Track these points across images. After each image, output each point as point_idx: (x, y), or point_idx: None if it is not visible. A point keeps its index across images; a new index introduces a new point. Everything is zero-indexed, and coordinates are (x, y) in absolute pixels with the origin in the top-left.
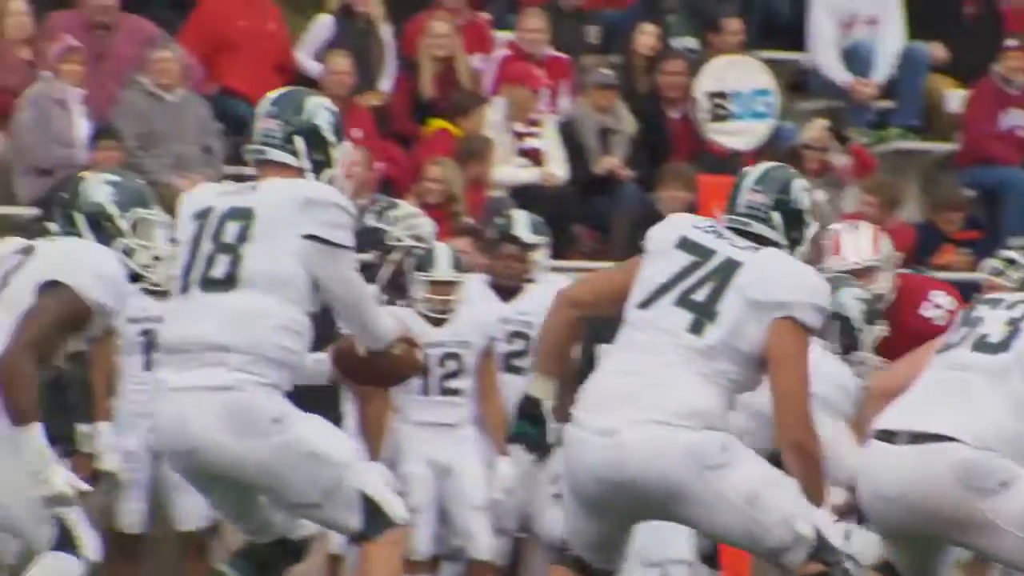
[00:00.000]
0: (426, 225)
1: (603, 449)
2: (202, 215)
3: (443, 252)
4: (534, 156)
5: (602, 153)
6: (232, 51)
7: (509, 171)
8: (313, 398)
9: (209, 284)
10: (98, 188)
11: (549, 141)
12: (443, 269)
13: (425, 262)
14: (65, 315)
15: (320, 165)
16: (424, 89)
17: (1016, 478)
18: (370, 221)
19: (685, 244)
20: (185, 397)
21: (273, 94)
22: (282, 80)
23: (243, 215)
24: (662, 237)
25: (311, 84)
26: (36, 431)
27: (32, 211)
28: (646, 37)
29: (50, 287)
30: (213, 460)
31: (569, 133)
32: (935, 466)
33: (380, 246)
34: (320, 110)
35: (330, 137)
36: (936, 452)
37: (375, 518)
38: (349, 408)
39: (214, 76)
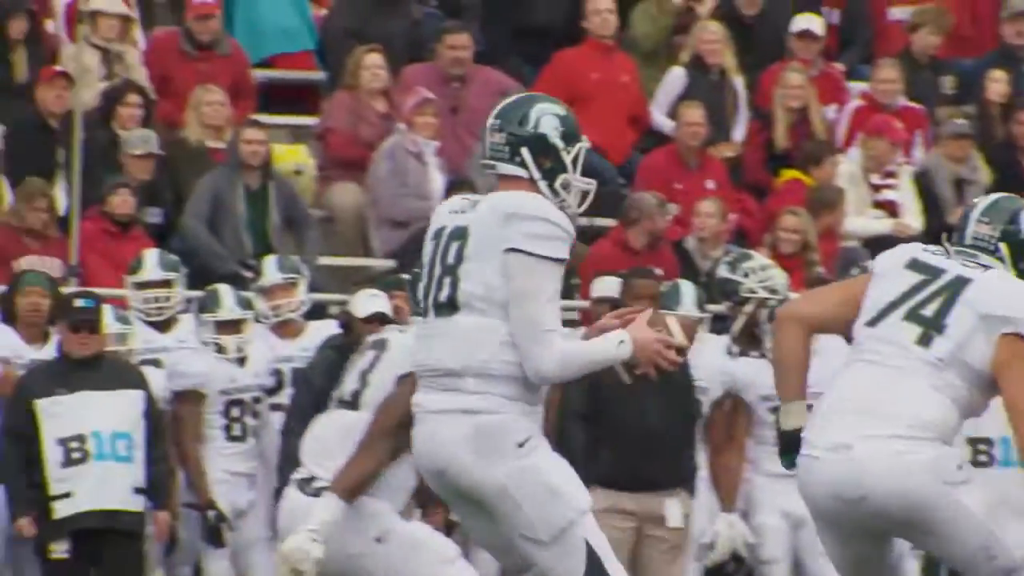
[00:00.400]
0: (779, 276)
1: (837, 465)
2: (436, 236)
3: None
4: (889, 207)
5: (957, 203)
6: (585, 103)
7: (862, 222)
8: None
9: (438, 308)
10: None
11: (904, 192)
12: None
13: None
14: None
15: (553, 172)
16: (778, 140)
17: None
18: (723, 272)
19: (915, 265)
20: (435, 419)
21: (499, 106)
22: (635, 132)
23: (461, 235)
24: (891, 259)
25: (663, 137)
26: None
27: (387, 263)
28: (998, 85)
29: (406, 378)
30: (459, 481)
31: (923, 184)
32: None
33: (734, 297)
34: (545, 117)
35: (559, 143)
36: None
37: (596, 574)
38: None
39: None
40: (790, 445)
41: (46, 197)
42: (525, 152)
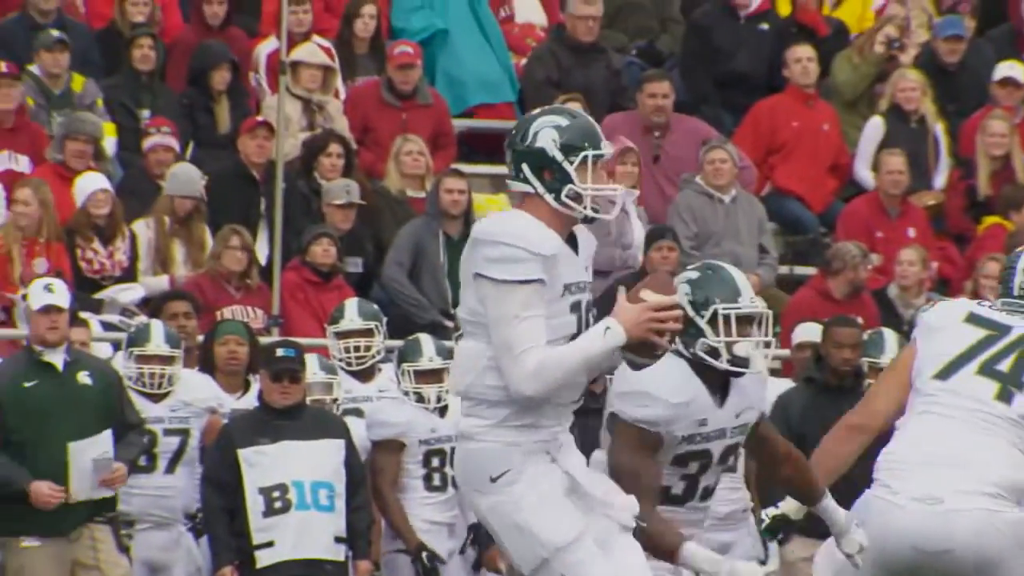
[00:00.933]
0: None
1: (926, 516)
2: None
3: None
4: None
5: None
6: (786, 151)
7: None
8: None
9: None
10: None
11: None
12: None
13: None
14: None
15: (558, 185)
16: (981, 187)
17: None
18: None
19: (974, 319)
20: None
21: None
22: (836, 180)
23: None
24: (945, 315)
25: (861, 187)
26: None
27: None
28: None
29: None
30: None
31: None
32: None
33: None
34: (543, 131)
35: (557, 155)
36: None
37: None
38: None
39: (768, 176)
40: (778, 526)
41: (239, 236)
42: (525, 168)
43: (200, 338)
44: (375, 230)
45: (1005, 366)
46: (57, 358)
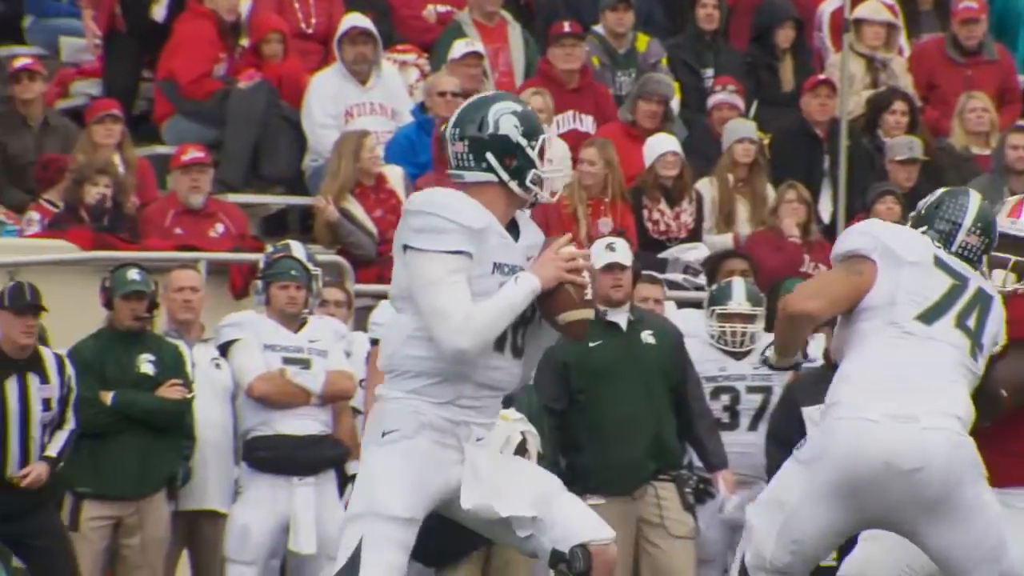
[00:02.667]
0: None
1: (901, 433)
2: None
3: None
4: None
5: None
6: None
7: None
8: None
9: None
10: None
11: None
12: None
13: None
14: None
15: (521, 170)
16: None
17: None
18: None
19: (940, 264)
20: None
21: (454, 114)
22: None
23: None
24: (916, 248)
25: None
26: None
27: None
28: None
29: None
30: None
31: None
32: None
33: None
34: (504, 117)
35: (522, 140)
36: None
37: (348, 572)
38: None
39: None
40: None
41: (795, 190)
42: (490, 156)
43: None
44: (939, 187)
45: (971, 323)
46: (620, 317)
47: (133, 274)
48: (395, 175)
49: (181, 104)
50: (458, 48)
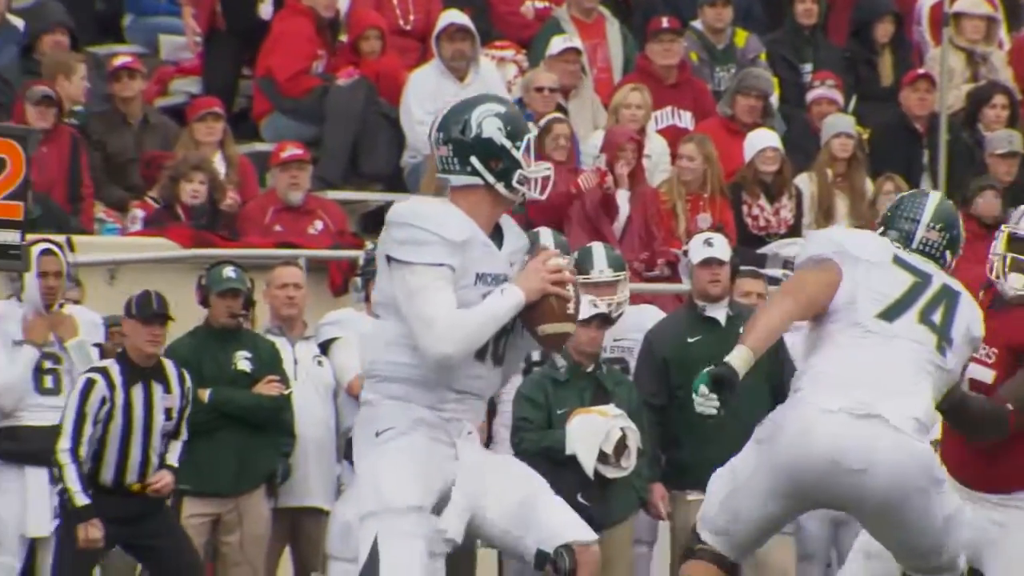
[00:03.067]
0: None
1: (852, 427)
2: None
3: None
4: None
5: None
6: None
7: None
8: None
9: None
10: None
11: None
12: None
13: None
14: None
15: (507, 172)
16: None
17: None
18: None
19: (900, 263)
20: None
21: (438, 117)
22: None
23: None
24: (875, 249)
25: None
26: None
27: None
28: None
29: None
30: None
31: None
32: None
33: None
34: (487, 120)
35: (506, 142)
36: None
37: (370, 571)
38: None
39: None
40: (722, 375)
41: (892, 181)
42: (474, 160)
43: None
44: None
45: (937, 318)
46: (720, 312)
47: (229, 271)
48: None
49: (280, 101)
50: (556, 44)
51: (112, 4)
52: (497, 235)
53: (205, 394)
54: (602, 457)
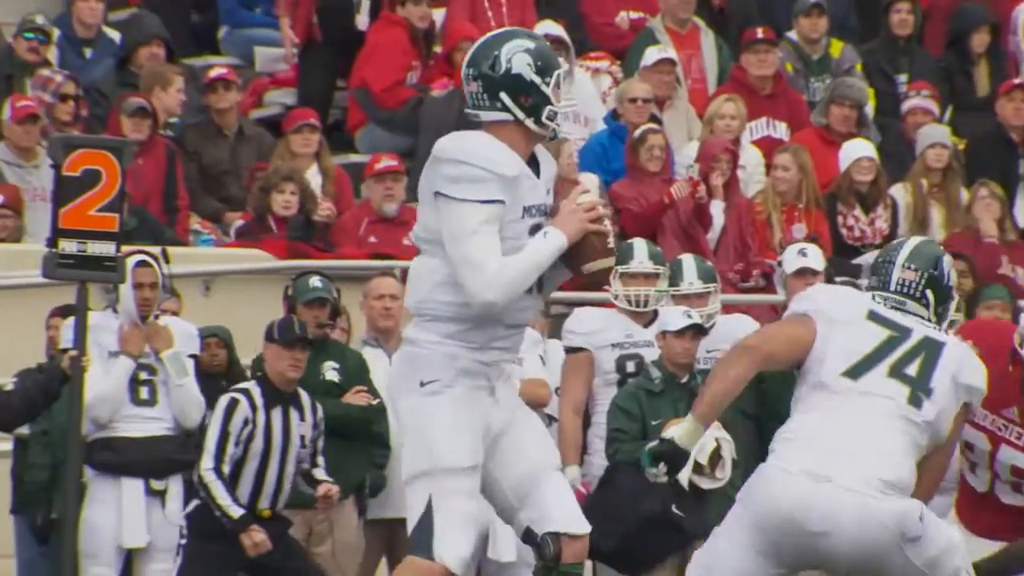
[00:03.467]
0: None
1: (810, 492)
2: None
3: None
4: None
5: None
6: None
7: None
8: None
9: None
10: None
11: None
12: None
13: None
14: None
15: (537, 108)
16: None
17: None
18: None
19: (876, 318)
20: None
21: (469, 53)
22: None
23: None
24: (848, 308)
25: None
26: None
27: None
28: None
29: None
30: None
31: None
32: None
33: None
34: (517, 55)
35: (536, 78)
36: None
37: (421, 537)
38: None
39: None
40: (663, 452)
41: (987, 187)
42: (504, 96)
43: None
44: None
45: (912, 370)
46: None
47: (315, 281)
48: (591, 184)
49: (374, 112)
50: (651, 55)
51: (208, 16)
52: (533, 164)
53: None
54: (697, 468)
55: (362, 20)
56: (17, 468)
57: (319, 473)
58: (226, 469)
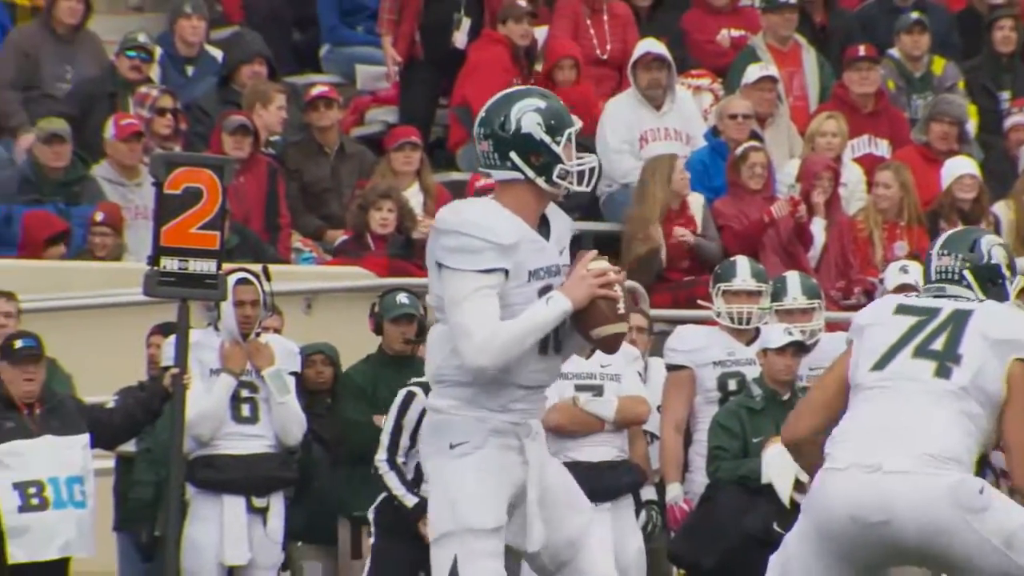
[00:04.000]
0: None
1: (863, 483)
2: None
3: None
4: None
5: None
6: None
7: None
8: None
9: None
10: None
11: None
12: None
13: None
14: None
15: (547, 167)
16: None
17: None
18: None
19: (903, 309)
20: None
21: (481, 112)
22: None
23: None
24: (875, 312)
25: None
26: None
27: None
28: None
29: None
30: None
31: None
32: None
33: None
34: (526, 115)
35: (545, 138)
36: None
37: None
38: None
39: None
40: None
41: None
42: (514, 155)
43: None
44: None
45: (939, 345)
46: None
47: (402, 298)
48: (696, 202)
49: None
50: (752, 72)
51: (309, 34)
52: (543, 224)
53: (381, 420)
54: (798, 485)
55: (460, 38)
56: (121, 486)
57: None
58: (400, 460)
